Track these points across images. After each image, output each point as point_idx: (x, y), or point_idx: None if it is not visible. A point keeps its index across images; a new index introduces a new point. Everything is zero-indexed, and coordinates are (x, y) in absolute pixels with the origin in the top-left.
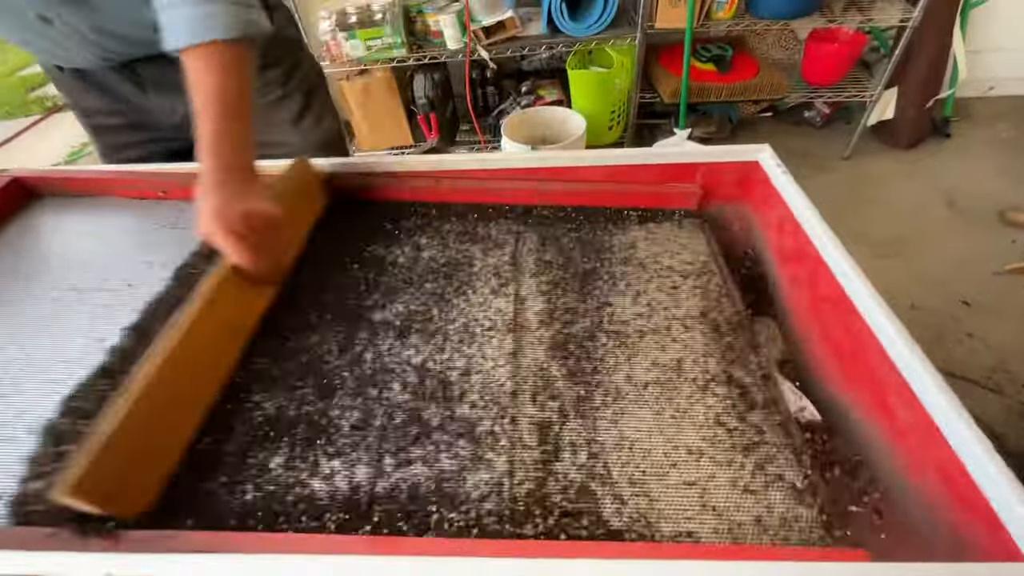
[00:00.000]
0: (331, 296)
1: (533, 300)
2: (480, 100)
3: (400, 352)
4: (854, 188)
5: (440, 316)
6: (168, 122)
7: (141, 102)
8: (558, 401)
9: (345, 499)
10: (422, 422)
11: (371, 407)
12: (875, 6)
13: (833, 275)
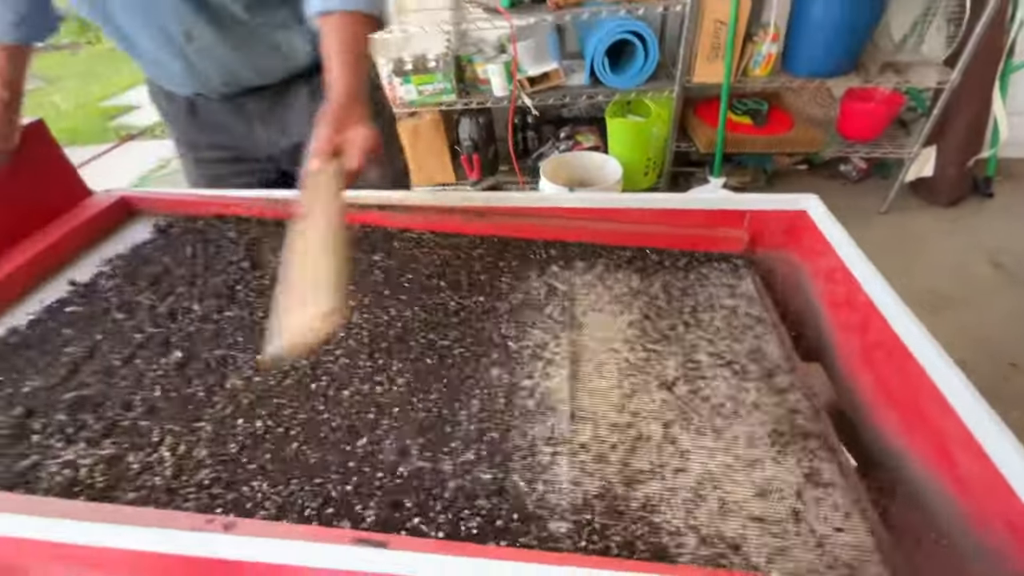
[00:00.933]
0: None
1: (583, 330)
2: (520, 143)
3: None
4: (893, 243)
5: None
6: (266, 153)
7: (245, 135)
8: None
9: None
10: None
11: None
12: (912, 68)
13: (887, 323)
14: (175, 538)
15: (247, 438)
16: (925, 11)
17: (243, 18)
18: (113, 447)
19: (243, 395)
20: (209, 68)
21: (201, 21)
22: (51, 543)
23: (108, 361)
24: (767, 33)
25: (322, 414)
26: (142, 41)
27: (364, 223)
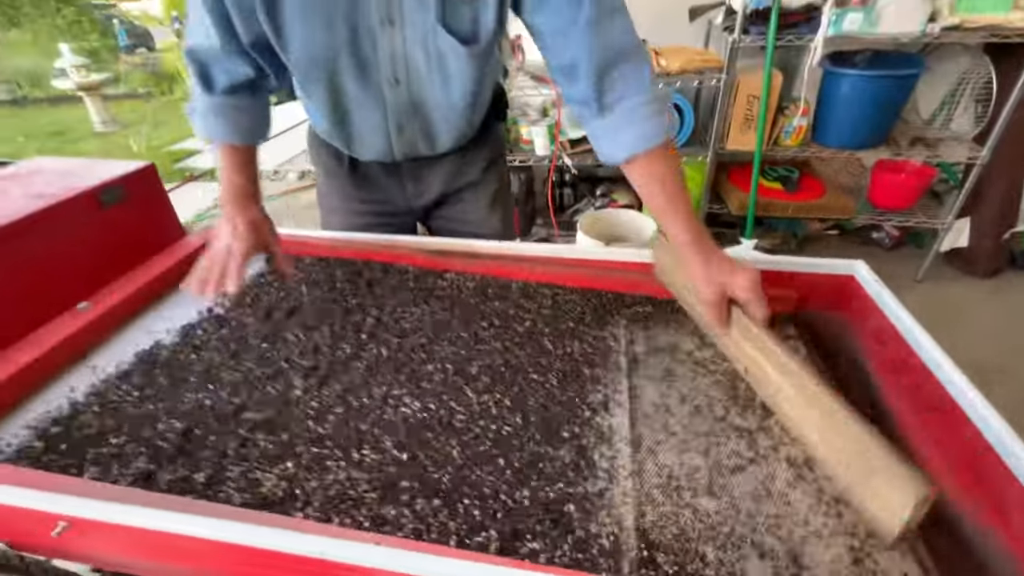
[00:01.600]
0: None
1: (642, 392)
2: (558, 199)
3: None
4: (931, 312)
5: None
6: (408, 207)
7: (396, 191)
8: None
9: None
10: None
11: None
12: (942, 143)
13: (942, 385)
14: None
15: (399, 466)
16: (953, 91)
17: (454, 123)
18: (291, 467)
19: (401, 429)
20: (400, 148)
21: (414, 121)
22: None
23: (265, 387)
24: (798, 107)
25: (445, 448)
26: (356, 122)
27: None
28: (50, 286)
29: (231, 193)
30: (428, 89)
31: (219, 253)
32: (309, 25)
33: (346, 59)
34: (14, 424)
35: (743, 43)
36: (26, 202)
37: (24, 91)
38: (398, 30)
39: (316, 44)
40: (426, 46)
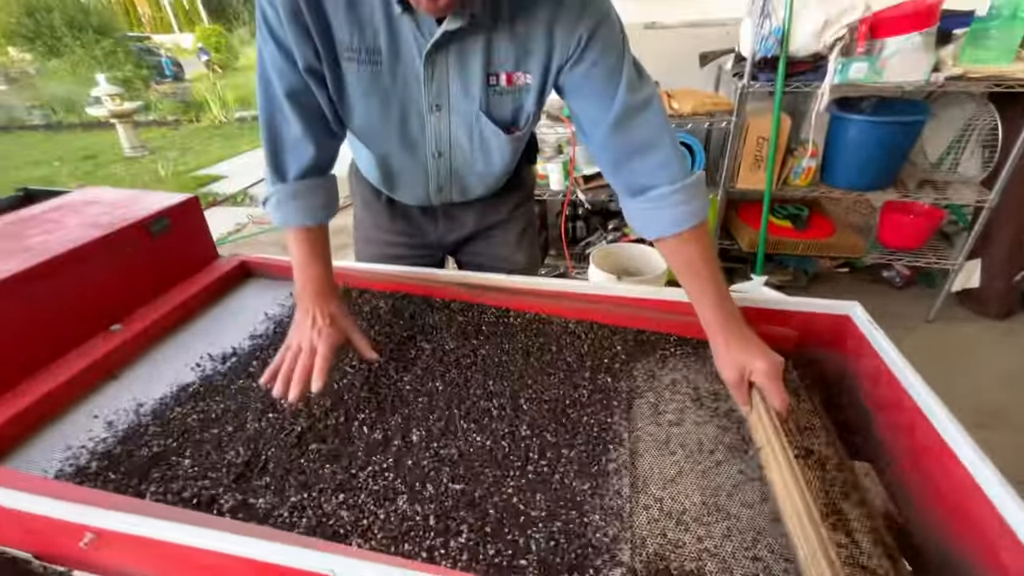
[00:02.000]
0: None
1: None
2: (570, 231)
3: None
4: (941, 352)
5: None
6: (438, 241)
7: (428, 228)
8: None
9: None
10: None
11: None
12: (950, 186)
13: (933, 427)
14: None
15: (455, 499)
16: (959, 136)
17: (490, 185)
18: (352, 496)
19: (459, 463)
20: (436, 199)
21: (452, 183)
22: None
23: (327, 417)
24: (806, 149)
25: (497, 481)
26: (399, 180)
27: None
28: (97, 308)
29: (309, 286)
30: (469, 162)
31: (302, 351)
32: (368, 105)
33: (396, 135)
34: (68, 438)
35: (752, 88)
36: (83, 231)
37: (59, 116)
38: (444, 115)
39: (372, 120)
40: (470, 130)
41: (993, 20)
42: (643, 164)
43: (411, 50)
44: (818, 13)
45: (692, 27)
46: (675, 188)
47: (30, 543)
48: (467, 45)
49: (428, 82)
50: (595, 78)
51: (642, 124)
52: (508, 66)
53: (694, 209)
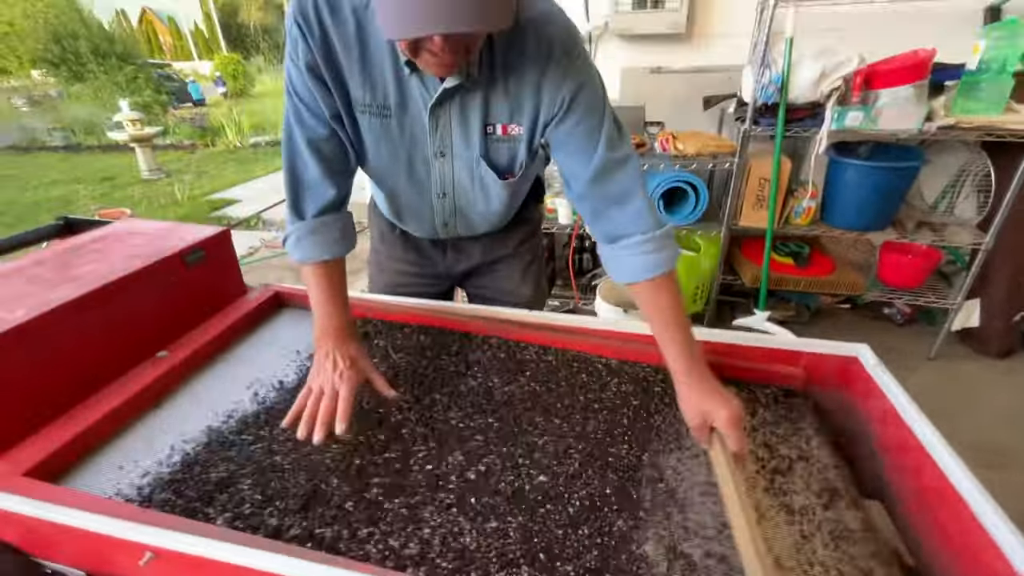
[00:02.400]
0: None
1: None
2: (577, 263)
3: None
4: (943, 391)
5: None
6: (446, 272)
7: (436, 258)
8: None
9: None
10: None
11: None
12: (947, 227)
13: (940, 468)
14: None
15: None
16: (954, 181)
17: (493, 223)
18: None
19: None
20: (443, 233)
21: (457, 219)
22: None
23: (386, 450)
24: (806, 190)
25: (549, 516)
26: (410, 217)
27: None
28: (144, 335)
29: (328, 329)
30: (471, 202)
31: (324, 395)
32: (379, 150)
33: (404, 177)
34: (125, 461)
35: (754, 132)
36: (127, 261)
37: (79, 138)
38: (448, 160)
39: (383, 163)
40: (471, 174)
41: (983, 73)
42: (619, 214)
43: (417, 104)
44: (815, 65)
45: (696, 72)
46: (647, 237)
47: (86, 562)
48: (467, 100)
49: (433, 132)
50: (577, 136)
51: (619, 179)
52: (503, 118)
53: (664, 258)
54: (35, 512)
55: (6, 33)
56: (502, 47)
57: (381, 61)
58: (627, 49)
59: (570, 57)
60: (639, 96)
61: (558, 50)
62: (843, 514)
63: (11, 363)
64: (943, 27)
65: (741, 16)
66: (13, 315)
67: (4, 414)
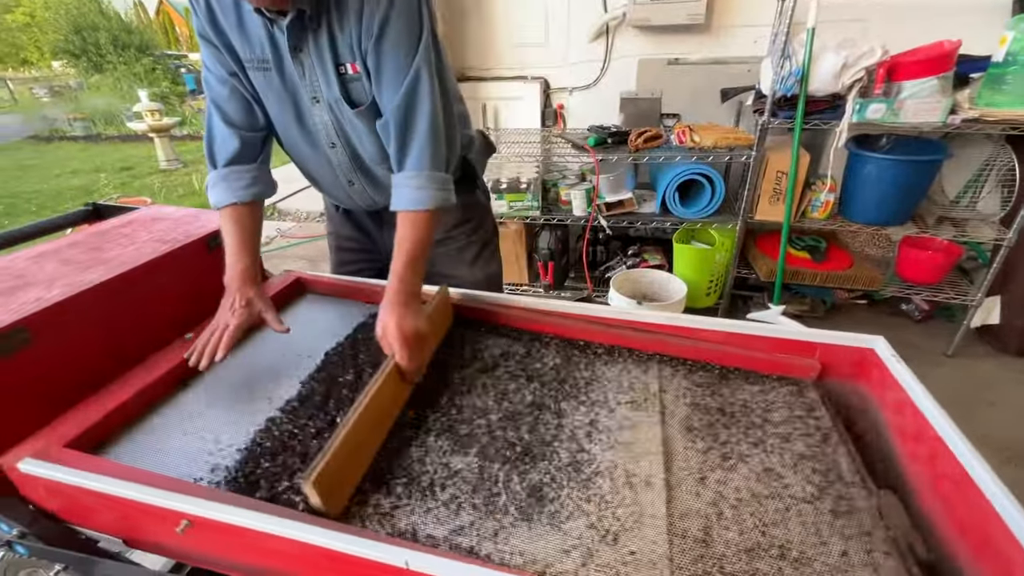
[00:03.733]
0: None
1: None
2: (591, 255)
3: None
4: (963, 387)
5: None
6: (386, 248)
7: (377, 235)
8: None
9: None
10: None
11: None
12: (968, 223)
13: (954, 456)
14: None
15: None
16: (977, 175)
17: (385, 175)
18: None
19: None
20: (360, 199)
21: (358, 175)
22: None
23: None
24: (824, 184)
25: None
26: (321, 179)
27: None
28: (165, 316)
29: (235, 274)
30: (356, 148)
31: (216, 328)
32: (269, 103)
33: (296, 129)
34: (162, 437)
35: (772, 124)
36: (153, 246)
37: (98, 128)
38: (324, 106)
39: (275, 115)
40: (343, 115)
41: (1010, 66)
42: (412, 147)
43: (286, 54)
44: (836, 56)
45: (714, 64)
46: (420, 175)
47: (123, 529)
48: (319, 41)
49: (302, 77)
50: (388, 66)
51: (418, 116)
52: (350, 58)
53: (424, 196)
54: (78, 481)
55: (28, 24)
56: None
57: (254, 20)
58: (644, 40)
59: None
60: (656, 87)
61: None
62: (857, 503)
63: (49, 340)
64: (969, 18)
65: (762, 6)
66: (50, 293)
67: (44, 389)
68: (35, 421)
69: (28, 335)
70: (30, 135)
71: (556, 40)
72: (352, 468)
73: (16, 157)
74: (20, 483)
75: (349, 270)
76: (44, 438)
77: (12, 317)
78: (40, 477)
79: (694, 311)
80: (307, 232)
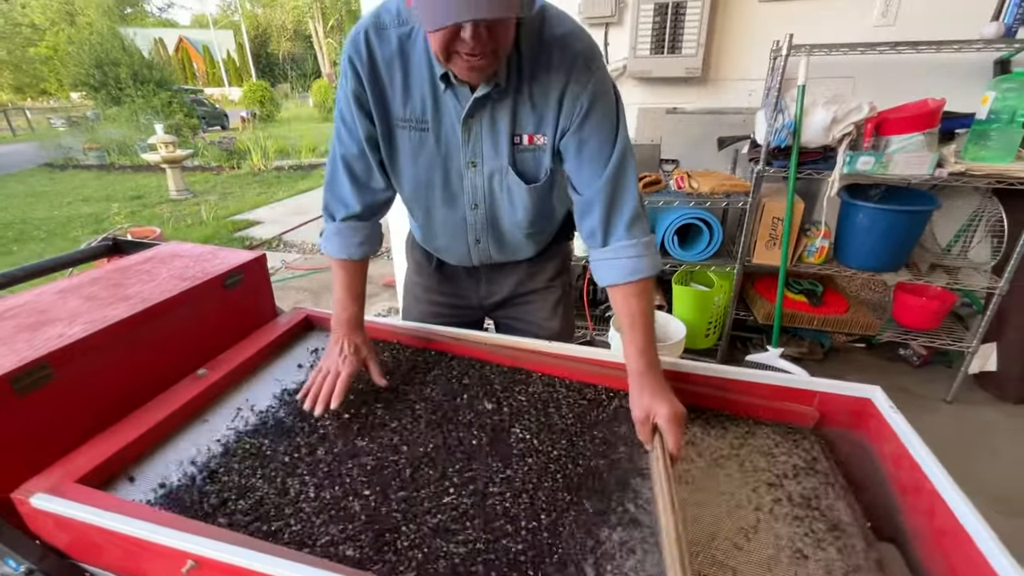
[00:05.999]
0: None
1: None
2: (591, 295)
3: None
4: (962, 435)
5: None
6: (479, 303)
7: (471, 289)
8: None
9: None
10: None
11: None
12: (961, 270)
13: (952, 513)
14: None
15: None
16: (967, 225)
17: (520, 238)
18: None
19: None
20: (477, 256)
21: (490, 235)
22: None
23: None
24: (819, 230)
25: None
26: (443, 236)
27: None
28: (181, 353)
29: (343, 320)
30: (500, 212)
31: (328, 374)
32: (416, 164)
33: (439, 189)
34: (169, 471)
35: (767, 173)
36: (173, 283)
37: (112, 158)
38: (479, 171)
39: (420, 177)
40: (500, 182)
41: (993, 123)
42: (618, 219)
43: (451, 117)
44: (826, 112)
45: (711, 114)
46: (635, 243)
47: (129, 567)
48: (496, 112)
49: (465, 143)
50: (592, 143)
51: (625, 186)
52: (530, 128)
53: (646, 264)
54: (85, 517)
55: (49, 57)
56: (529, 60)
57: (420, 80)
58: (644, 90)
59: (590, 69)
60: (655, 135)
61: (580, 62)
62: (857, 556)
63: (70, 375)
64: (952, 78)
65: (755, 62)
66: (72, 330)
67: (62, 422)
68: (52, 455)
69: (51, 371)
70: (45, 163)
71: None
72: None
73: (29, 183)
74: (30, 518)
75: (437, 322)
76: (57, 473)
77: (36, 353)
78: (50, 512)
79: (693, 352)
80: (311, 264)
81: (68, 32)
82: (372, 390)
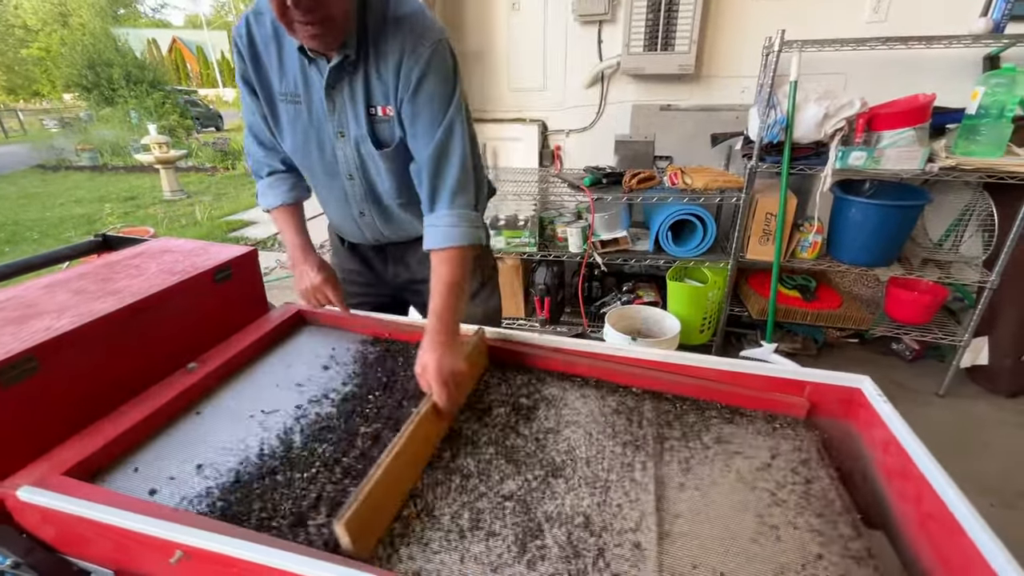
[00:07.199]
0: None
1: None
2: (587, 292)
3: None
4: (954, 428)
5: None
6: (391, 283)
7: (381, 268)
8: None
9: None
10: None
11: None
12: (952, 265)
13: (938, 496)
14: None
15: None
16: (958, 220)
17: (396, 210)
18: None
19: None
20: (368, 231)
21: (370, 207)
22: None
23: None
24: (812, 225)
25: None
26: (331, 208)
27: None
28: (170, 346)
29: (295, 251)
30: (373, 182)
31: (310, 291)
32: (295, 133)
33: (317, 157)
34: (162, 466)
35: (760, 168)
36: (163, 277)
37: (105, 159)
38: (348, 141)
39: (299, 145)
40: (367, 151)
41: (983, 118)
42: (444, 189)
43: (318, 90)
44: (818, 107)
45: (704, 111)
46: (454, 213)
47: (116, 560)
48: (354, 84)
49: (331, 114)
50: (423, 118)
51: (451, 162)
52: (381, 101)
53: (458, 233)
54: (73, 509)
55: (42, 59)
56: (374, 35)
57: (292, 58)
58: (637, 87)
59: (424, 46)
60: (649, 131)
61: (415, 38)
62: (846, 543)
63: (56, 367)
64: (942, 73)
65: (747, 59)
66: (59, 323)
67: (48, 415)
68: (39, 448)
69: (36, 363)
70: (37, 164)
71: (554, 85)
72: (385, 509)
73: (21, 185)
74: (17, 511)
75: (351, 303)
76: (43, 466)
77: (22, 346)
78: (37, 505)
79: (688, 348)
80: None
81: (61, 33)
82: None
